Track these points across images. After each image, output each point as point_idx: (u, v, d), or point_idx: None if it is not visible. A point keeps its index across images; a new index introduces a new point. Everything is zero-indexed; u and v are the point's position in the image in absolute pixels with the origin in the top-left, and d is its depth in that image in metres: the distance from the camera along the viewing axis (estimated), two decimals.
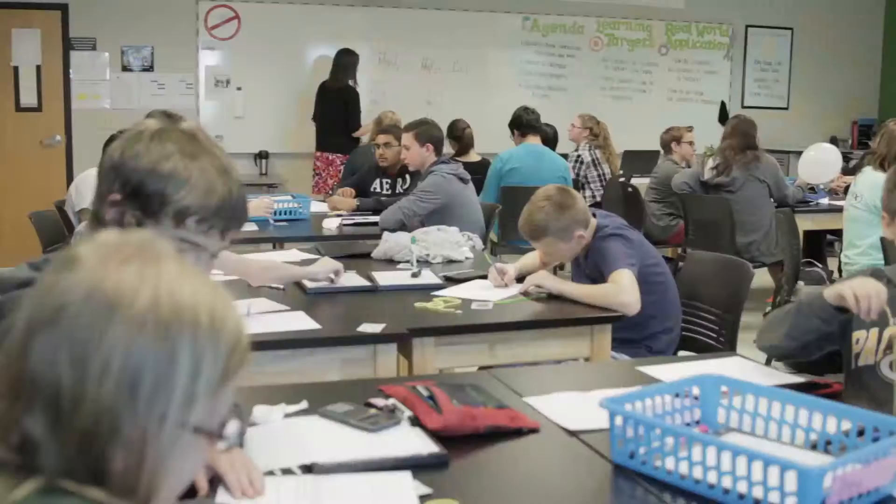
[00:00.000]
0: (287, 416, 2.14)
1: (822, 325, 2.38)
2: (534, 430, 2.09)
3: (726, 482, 1.70)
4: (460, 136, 7.63)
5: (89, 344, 0.94)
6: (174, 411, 0.97)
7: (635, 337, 3.58)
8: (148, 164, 1.69)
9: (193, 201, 1.68)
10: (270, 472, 1.81)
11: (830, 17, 11.52)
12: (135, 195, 1.69)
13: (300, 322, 3.03)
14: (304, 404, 2.20)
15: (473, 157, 7.61)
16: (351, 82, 8.87)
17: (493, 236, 6.55)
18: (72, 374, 0.94)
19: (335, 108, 8.77)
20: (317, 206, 6.01)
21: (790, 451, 1.93)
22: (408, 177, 6.10)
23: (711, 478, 1.72)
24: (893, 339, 2.37)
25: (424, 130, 5.37)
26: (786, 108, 11.54)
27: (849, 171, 7.97)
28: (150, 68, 9.09)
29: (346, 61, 8.90)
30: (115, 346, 0.94)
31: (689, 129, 7.72)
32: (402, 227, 5.05)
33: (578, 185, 7.72)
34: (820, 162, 7.25)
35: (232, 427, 1.03)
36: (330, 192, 7.47)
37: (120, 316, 0.95)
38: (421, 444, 1.96)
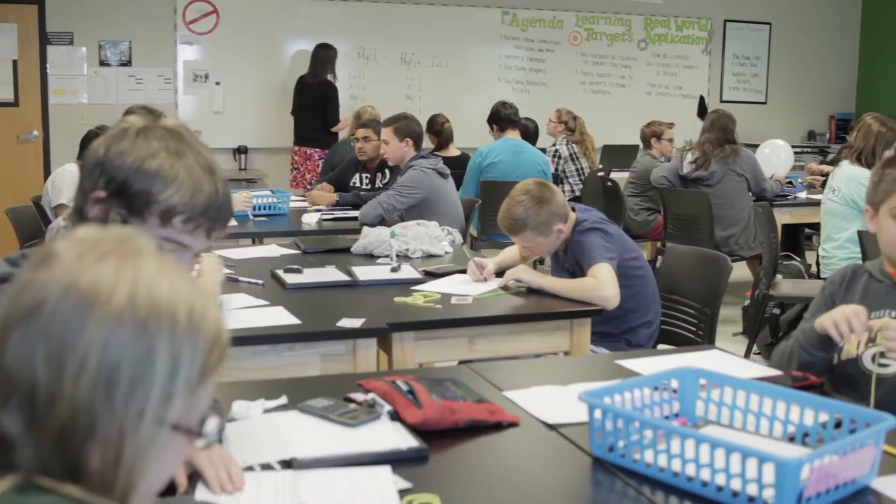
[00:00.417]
0: (266, 411, 2.14)
1: (825, 355, 2.39)
2: (513, 424, 2.10)
3: (705, 474, 1.71)
4: (440, 130, 7.63)
5: (65, 341, 0.93)
6: (152, 409, 0.96)
7: (615, 331, 3.60)
8: (133, 162, 1.67)
9: (180, 201, 1.67)
10: (250, 468, 1.81)
11: (808, 11, 11.58)
12: (120, 193, 1.68)
13: (279, 317, 3.03)
14: (283, 399, 2.20)
15: (453, 151, 7.60)
16: (329, 77, 8.85)
17: (472, 231, 6.55)
18: (48, 372, 0.93)
19: (313, 102, 8.75)
20: (296, 201, 6.00)
21: (768, 443, 1.94)
22: (387, 171, 6.10)
23: (690, 470, 1.73)
24: (873, 331, 2.39)
25: (403, 125, 5.37)
26: (764, 103, 11.59)
27: (826, 164, 8.02)
28: (127, 63, 9.04)
29: (324, 56, 8.88)
30: (92, 342, 0.94)
31: (670, 125, 7.74)
32: (382, 221, 5.05)
33: (557, 179, 7.73)
34: (772, 161, 7.32)
35: (211, 424, 1.03)
36: (308, 186, 7.46)
37: (97, 312, 0.94)
38: (400, 439, 1.96)
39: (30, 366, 0.94)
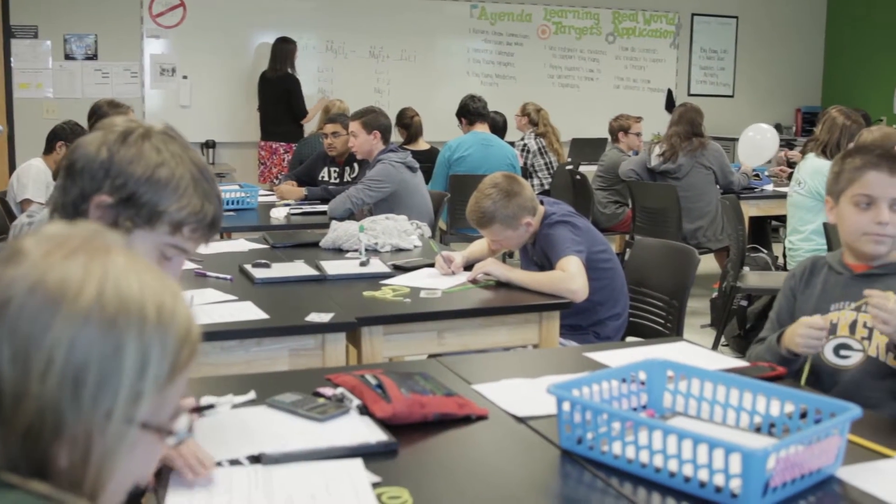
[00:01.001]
0: (235, 406, 2.13)
1: (795, 363, 2.44)
2: (482, 417, 2.10)
3: (672, 465, 1.72)
4: (409, 124, 7.63)
5: (32, 339, 0.92)
6: (120, 407, 0.95)
7: (583, 323, 3.61)
8: (144, 171, 1.68)
9: (191, 212, 1.70)
10: (219, 464, 1.80)
11: (775, 5, 11.66)
12: (128, 201, 1.68)
13: (248, 312, 3.01)
14: (251, 395, 2.19)
15: (422, 145, 7.60)
16: (290, 70, 8.86)
17: (442, 224, 6.56)
18: (14, 370, 0.92)
19: (277, 96, 8.76)
20: (264, 196, 5.97)
21: (735, 433, 1.96)
22: (356, 165, 6.09)
23: (658, 462, 1.74)
24: (833, 321, 2.41)
25: (371, 118, 5.36)
26: (731, 96, 11.67)
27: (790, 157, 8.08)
28: (93, 57, 8.96)
29: (283, 49, 8.89)
30: (58, 341, 0.92)
31: (638, 119, 7.77)
32: (351, 215, 5.04)
33: (526, 173, 7.74)
34: (757, 143, 7.35)
35: (182, 422, 1.02)
36: (275, 180, 7.44)
37: (64, 310, 0.93)
38: (369, 433, 1.96)
39: None
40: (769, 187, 7.34)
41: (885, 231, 2.40)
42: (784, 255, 5.98)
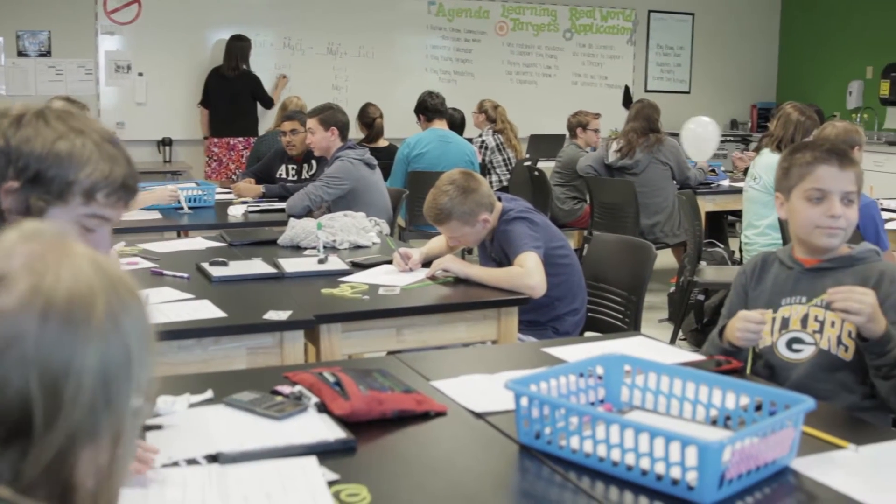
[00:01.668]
0: (191, 406, 2.12)
1: (740, 355, 2.47)
2: (441, 414, 2.10)
3: (629, 459, 1.73)
4: (371, 123, 7.61)
5: (58, 368, 0.90)
6: (133, 402, 0.96)
7: (542, 319, 3.62)
8: (43, 147, 1.66)
9: (100, 176, 1.67)
10: (175, 464, 1.78)
11: (730, 2, 11.77)
12: (35, 180, 1.66)
13: (205, 310, 2.99)
14: (209, 394, 2.18)
15: (381, 142, 7.60)
16: (244, 67, 8.86)
17: (400, 221, 6.55)
18: (44, 401, 0.90)
19: (238, 93, 8.74)
20: (222, 194, 5.93)
21: (691, 426, 1.97)
22: (314, 162, 6.07)
23: (615, 455, 1.75)
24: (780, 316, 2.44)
25: (329, 115, 5.34)
26: (687, 92, 11.76)
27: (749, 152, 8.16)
28: (47, 53, 8.86)
29: (240, 47, 8.89)
30: (84, 365, 0.91)
31: (597, 115, 7.80)
32: (309, 213, 5.02)
33: (485, 169, 7.75)
34: (699, 136, 7.41)
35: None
36: (233, 177, 7.41)
37: (82, 333, 0.92)
38: (328, 431, 1.96)
39: (23, 390, 0.90)
40: (725, 182, 7.41)
41: (837, 224, 2.43)
42: (740, 250, 6.04)
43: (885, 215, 4.98)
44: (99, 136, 1.70)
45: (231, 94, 8.80)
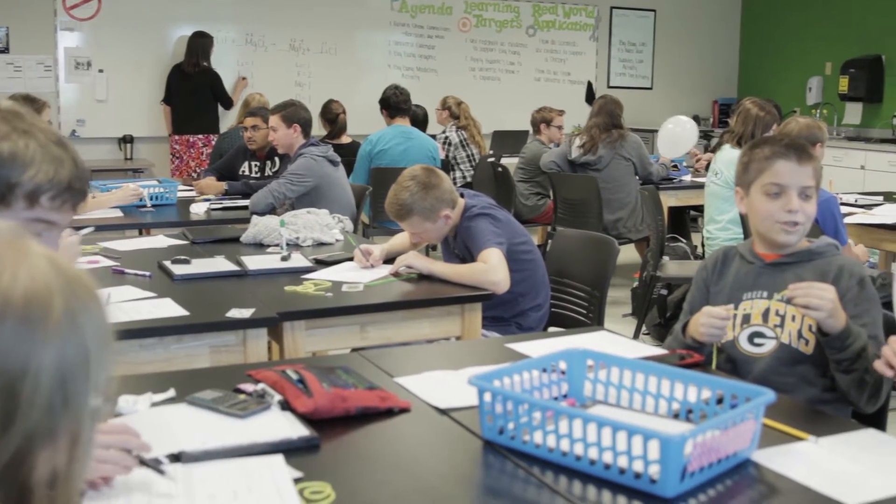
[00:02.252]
0: (154, 405, 2.10)
1: (703, 350, 2.48)
2: (405, 410, 2.10)
3: (592, 453, 1.74)
4: (334, 119, 7.59)
5: (13, 370, 0.88)
6: (91, 402, 0.94)
7: (505, 315, 3.63)
8: None
9: (44, 178, 1.63)
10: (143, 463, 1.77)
11: None
12: None
13: (167, 309, 2.97)
14: (171, 392, 2.16)
15: (344, 139, 7.57)
16: (206, 64, 8.81)
17: (364, 218, 6.54)
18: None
19: (199, 90, 8.69)
20: (184, 191, 5.89)
21: (654, 420, 1.99)
22: (276, 159, 6.05)
23: (578, 450, 1.76)
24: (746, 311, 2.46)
25: (291, 112, 5.32)
26: (650, 88, 11.83)
27: (710, 149, 8.22)
28: (4, 50, 8.75)
29: (202, 44, 8.85)
30: (41, 365, 0.89)
31: (560, 112, 7.83)
32: (272, 210, 5.00)
33: (448, 166, 7.76)
34: (677, 135, 7.46)
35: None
36: (194, 174, 7.36)
37: (39, 333, 0.90)
38: (291, 428, 1.95)
39: None
40: (687, 178, 7.46)
41: (795, 219, 2.45)
42: (703, 245, 6.08)
43: (844, 210, 5.03)
44: (45, 138, 1.66)
45: (192, 92, 8.76)
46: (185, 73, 8.80)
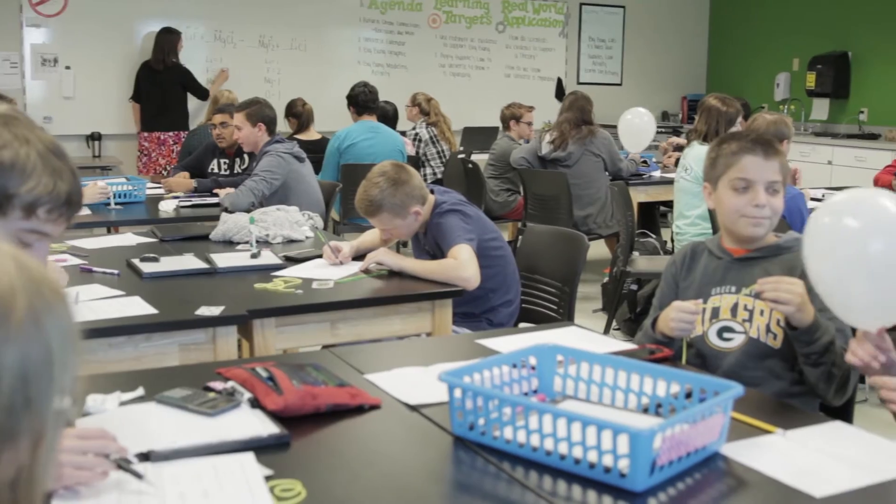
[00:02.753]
0: (122, 404, 2.09)
1: (672, 344, 2.49)
2: (375, 407, 2.10)
3: (562, 448, 1.74)
4: (300, 113, 7.57)
5: None
6: (55, 404, 0.93)
7: (476, 311, 3.63)
8: None
9: (44, 191, 1.60)
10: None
11: None
12: None
13: (136, 307, 2.95)
14: (140, 391, 2.15)
15: (314, 135, 7.56)
16: (174, 60, 8.76)
17: (335, 215, 6.53)
18: None
19: (167, 87, 8.63)
20: (153, 189, 5.85)
21: (623, 415, 2.00)
22: (245, 157, 6.02)
23: (548, 444, 1.76)
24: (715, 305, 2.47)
25: (255, 110, 5.30)
26: (619, 84, 11.87)
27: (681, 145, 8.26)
28: None
29: (169, 39, 8.78)
30: (3, 364, 0.89)
31: (530, 108, 7.84)
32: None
33: (419, 162, 7.76)
34: (636, 126, 7.50)
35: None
36: (164, 171, 7.32)
37: (2, 332, 0.90)
38: (261, 426, 1.94)
39: None
40: (657, 174, 7.50)
41: (761, 213, 2.47)
42: (672, 240, 6.12)
43: (812, 205, 5.07)
44: (44, 147, 1.63)
45: (160, 89, 8.70)
46: (153, 70, 8.75)
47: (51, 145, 1.65)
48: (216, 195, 5.32)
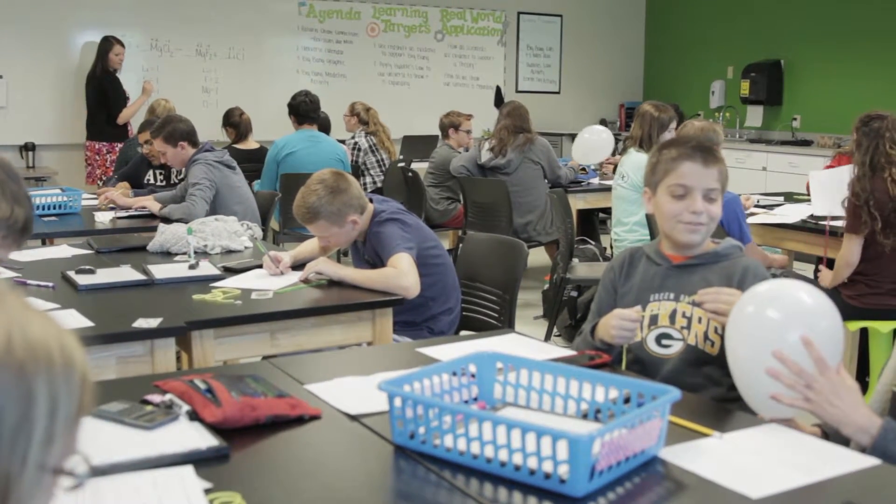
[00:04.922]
0: None
1: (612, 351, 2.52)
2: (315, 417, 2.09)
3: (503, 455, 1.75)
4: (237, 122, 7.52)
5: None
6: (35, 453, 0.90)
7: (416, 319, 3.64)
8: None
9: (1, 216, 1.57)
10: None
11: (596, 4, 12.02)
12: None
13: (71, 320, 2.91)
14: None
15: (252, 144, 7.51)
16: (109, 69, 8.66)
17: (274, 224, 6.49)
18: None
19: (95, 96, 8.53)
20: (89, 199, 5.77)
21: (563, 421, 2.01)
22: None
23: (489, 452, 1.77)
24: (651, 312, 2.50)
25: (170, 131, 5.24)
26: (557, 93, 11.96)
27: (619, 152, 8.34)
28: None
29: (101, 48, 8.66)
30: None
31: (469, 116, 7.86)
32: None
33: (358, 171, 7.75)
34: (593, 144, 7.55)
35: (80, 464, 0.97)
36: (99, 182, 7.22)
37: None
38: (200, 439, 1.92)
39: None
40: (595, 181, 7.56)
41: (699, 220, 2.50)
42: (611, 247, 6.17)
43: (747, 210, 5.16)
44: (2, 172, 1.60)
45: (92, 97, 8.58)
46: (92, 79, 8.63)
47: (7, 168, 1.62)
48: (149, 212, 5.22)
